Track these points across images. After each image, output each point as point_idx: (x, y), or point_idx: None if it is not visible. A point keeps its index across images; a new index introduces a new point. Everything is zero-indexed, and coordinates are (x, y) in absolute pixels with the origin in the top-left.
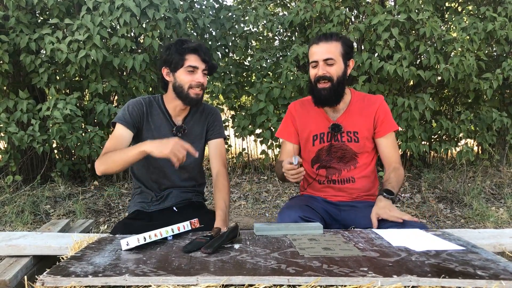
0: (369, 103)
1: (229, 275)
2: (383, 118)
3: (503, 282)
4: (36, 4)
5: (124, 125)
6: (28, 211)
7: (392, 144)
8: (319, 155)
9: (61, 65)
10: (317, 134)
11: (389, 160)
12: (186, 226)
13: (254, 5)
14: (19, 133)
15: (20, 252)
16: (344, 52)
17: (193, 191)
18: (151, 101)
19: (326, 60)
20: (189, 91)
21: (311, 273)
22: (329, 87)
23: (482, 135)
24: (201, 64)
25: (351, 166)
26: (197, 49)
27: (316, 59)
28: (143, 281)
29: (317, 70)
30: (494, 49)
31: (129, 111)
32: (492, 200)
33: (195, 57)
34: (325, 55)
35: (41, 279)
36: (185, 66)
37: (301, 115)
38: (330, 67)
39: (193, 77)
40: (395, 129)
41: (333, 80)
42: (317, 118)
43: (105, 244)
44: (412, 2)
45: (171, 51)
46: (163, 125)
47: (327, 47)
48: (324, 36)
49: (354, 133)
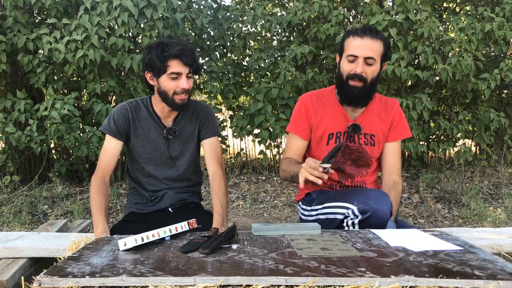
0: (386, 106)
1: (226, 276)
2: (397, 122)
3: (500, 282)
4: (34, 4)
5: (111, 135)
6: (25, 211)
7: (398, 151)
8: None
9: (59, 65)
10: (333, 133)
11: (390, 169)
12: (184, 227)
13: (252, 5)
14: (16, 133)
15: (17, 254)
16: (383, 53)
17: (188, 191)
18: (138, 105)
19: (367, 59)
20: (174, 97)
21: (308, 274)
22: (362, 86)
23: (480, 135)
24: (185, 69)
25: (363, 171)
26: (179, 55)
27: (356, 54)
28: (140, 281)
29: (355, 66)
30: (492, 50)
31: (114, 119)
32: (490, 200)
33: (177, 62)
34: (368, 53)
35: (38, 279)
36: (168, 73)
37: (318, 110)
38: (369, 67)
39: (177, 83)
40: (407, 136)
41: (367, 81)
42: (335, 116)
43: (103, 245)
44: (410, 2)
45: (152, 56)
46: (152, 128)
47: (371, 44)
48: (370, 30)
49: (371, 135)
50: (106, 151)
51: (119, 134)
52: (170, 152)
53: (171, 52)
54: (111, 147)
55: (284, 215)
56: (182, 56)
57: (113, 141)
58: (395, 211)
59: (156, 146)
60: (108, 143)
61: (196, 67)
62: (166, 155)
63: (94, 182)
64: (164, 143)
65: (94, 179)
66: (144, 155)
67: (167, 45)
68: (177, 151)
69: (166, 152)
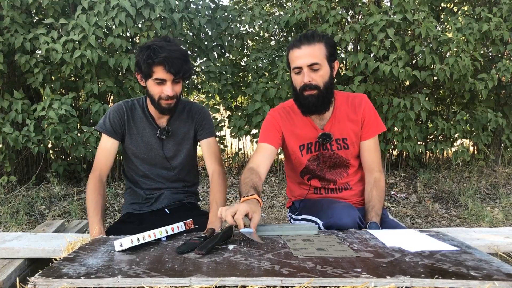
0: (354, 105)
1: (222, 276)
2: (368, 119)
3: (496, 282)
4: (31, 4)
5: (107, 134)
6: (23, 212)
7: (375, 147)
8: (308, 166)
9: (56, 65)
10: (304, 144)
11: (370, 166)
12: (180, 227)
13: (250, 5)
14: (14, 133)
15: (13, 255)
16: (328, 54)
17: (184, 192)
18: (133, 105)
19: (311, 66)
20: (159, 101)
21: (304, 274)
22: (317, 94)
23: (478, 135)
24: (169, 76)
25: (343, 173)
26: (163, 62)
27: (299, 65)
28: (135, 282)
29: (302, 77)
30: (489, 50)
31: (110, 118)
32: (487, 200)
33: (162, 69)
34: (309, 59)
35: (32, 281)
36: (153, 78)
37: (287, 124)
38: (316, 73)
39: (162, 89)
40: (382, 131)
41: (320, 88)
42: (304, 127)
43: (99, 245)
44: (407, 2)
45: (139, 59)
46: (146, 128)
47: (310, 50)
48: (306, 37)
49: (343, 140)
50: (102, 150)
51: (115, 133)
52: (164, 152)
53: (154, 60)
54: (107, 146)
55: (282, 215)
56: (166, 63)
57: (109, 140)
58: (380, 208)
59: (150, 146)
60: (105, 143)
61: (182, 74)
62: (160, 155)
63: (91, 182)
64: (158, 143)
65: (91, 179)
66: (138, 154)
67: (153, 51)
68: (171, 152)
69: (161, 152)
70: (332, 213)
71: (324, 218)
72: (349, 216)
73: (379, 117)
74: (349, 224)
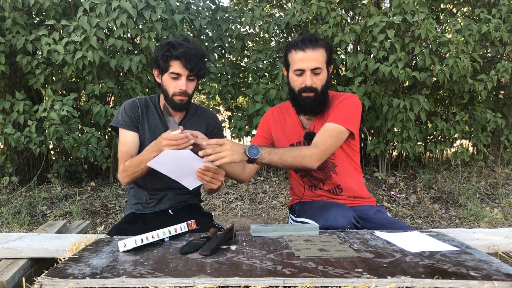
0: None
1: (225, 276)
2: (333, 109)
3: (495, 282)
4: (33, 5)
5: (127, 128)
6: (24, 212)
7: (330, 132)
8: None
9: (58, 66)
10: (294, 144)
11: (315, 141)
12: (183, 228)
13: (250, 6)
14: (15, 134)
15: (17, 254)
16: (327, 59)
17: (188, 193)
18: (147, 102)
19: (314, 70)
20: (173, 97)
21: (306, 274)
22: (314, 96)
23: (477, 136)
24: (185, 71)
25: (331, 172)
26: (180, 56)
27: (303, 68)
28: (140, 282)
29: (304, 80)
30: (488, 51)
31: (126, 112)
32: (487, 200)
33: (178, 63)
34: (314, 64)
35: (39, 281)
36: (169, 72)
37: (278, 123)
38: (317, 77)
39: (176, 83)
40: (341, 124)
41: (318, 91)
42: (292, 126)
43: (103, 246)
44: (407, 4)
45: (158, 54)
46: (158, 125)
47: (314, 54)
48: (310, 41)
49: None
50: (123, 144)
51: (133, 126)
52: None
53: (172, 53)
54: (129, 139)
55: (283, 216)
56: (183, 58)
57: (128, 134)
58: (282, 159)
59: None
60: (125, 137)
61: (197, 71)
62: None
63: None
64: None
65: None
66: None
67: (173, 46)
68: None
69: None
70: (327, 216)
71: (320, 221)
72: (344, 217)
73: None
74: (344, 225)
